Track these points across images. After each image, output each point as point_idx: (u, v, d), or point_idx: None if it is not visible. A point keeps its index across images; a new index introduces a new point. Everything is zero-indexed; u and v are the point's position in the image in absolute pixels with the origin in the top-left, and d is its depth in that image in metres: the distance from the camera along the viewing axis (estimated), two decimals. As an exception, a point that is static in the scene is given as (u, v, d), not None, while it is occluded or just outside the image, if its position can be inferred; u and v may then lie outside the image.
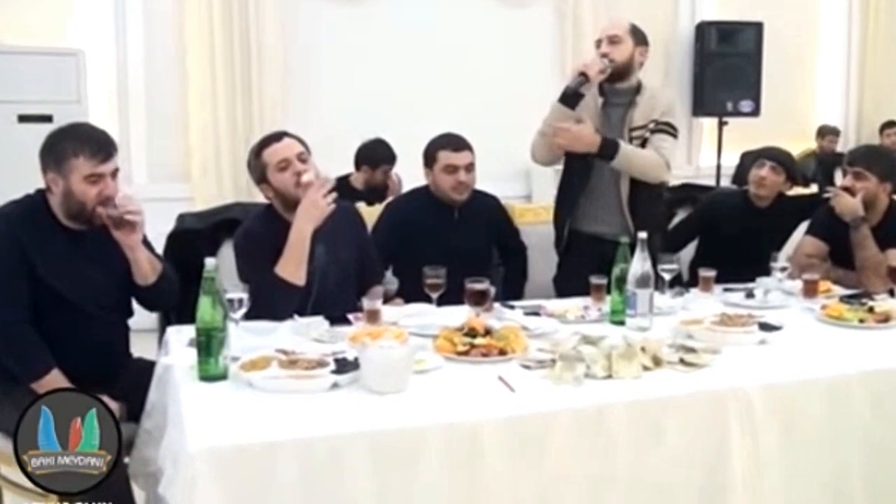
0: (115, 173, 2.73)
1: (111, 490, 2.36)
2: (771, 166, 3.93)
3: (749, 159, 6.74)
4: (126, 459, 2.63)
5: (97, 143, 2.70)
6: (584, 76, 3.45)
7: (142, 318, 3.05)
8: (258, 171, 3.08)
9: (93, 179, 2.67)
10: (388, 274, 3.58)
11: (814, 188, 5.71)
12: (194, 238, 3.50)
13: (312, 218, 2.94)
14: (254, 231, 3.09)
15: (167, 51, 6.00)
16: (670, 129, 3.57)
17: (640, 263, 2.80)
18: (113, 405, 2.57)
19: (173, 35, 6.00)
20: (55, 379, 2.62)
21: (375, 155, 5.32)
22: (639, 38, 3.60)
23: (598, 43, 3.59)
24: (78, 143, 2.67)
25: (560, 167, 3.76)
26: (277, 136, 3.11)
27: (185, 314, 2.86)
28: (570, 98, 3.47)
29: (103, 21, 5.91)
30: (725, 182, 7.12)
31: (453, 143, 3.64)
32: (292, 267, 2.93)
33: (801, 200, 4.16)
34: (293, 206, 2.99)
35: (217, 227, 3.57)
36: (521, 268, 3.90)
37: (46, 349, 2.64)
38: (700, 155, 7.55)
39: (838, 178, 6.59)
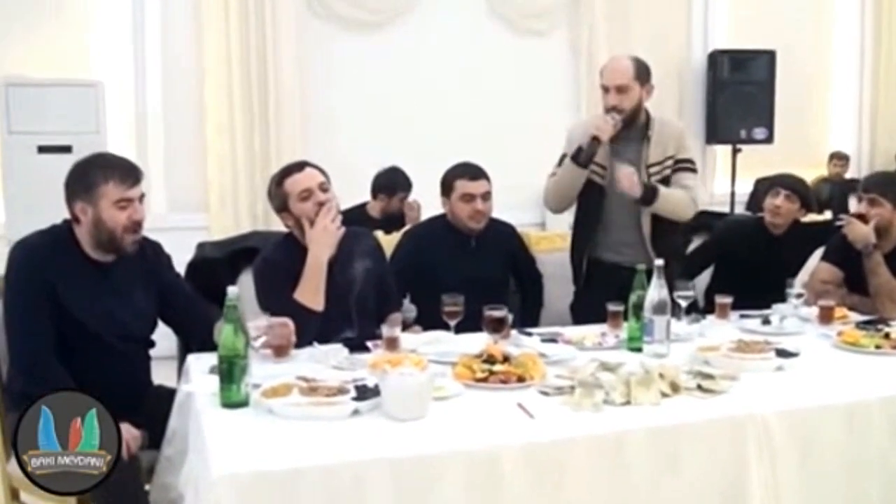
0: (141, 198, 2.79)
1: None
2: (786, 195, 3.93)
3: (763, 186, 6.80)
4: (147, 486, 2.66)
5: (125, 169, 2.76)
6: (596, 140, 3.45)
7: (160, 346, 3.06)
8: (279, 199, 3.12)
9: (122, 205, 2.71)
10: (406, 302, 3.60)
11: (828, 214, 5.71)
12: (214, 267, 3.53)
13: (327, 244, 3.01)
14: (273, 260, 3.13)
15: (185, 82, 6.08)
16: (691, 166, 3.63)
17: (657, 290, 2.81)
18: (135, 433, 2.60)
19: (191, 66, 6.08)
20: None
21: (391, 183, 5.36)
22: (643, 77, 3.56)
23: (605, 89, 3.56)
24: (107, 170, 2.72)
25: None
26: (299, 166, 3.14)
27: (206, 342, 2.90)
28: (583, 159, 3.48)
29: (122, 53, 6.00)
30: (739, 209, 7.13)
31: (470, 171, 3.67)
32: (310, 293, 2.98)
33: (815, 227, 4.17)
34: None
35: (236, 256, 3.61)
36: (537, 296, 3.92)
37: (69, 377, 2.65)
38: (714, 182, 7.57)
39: (852, 204, 6.62)
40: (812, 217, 4.28)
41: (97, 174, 2.71)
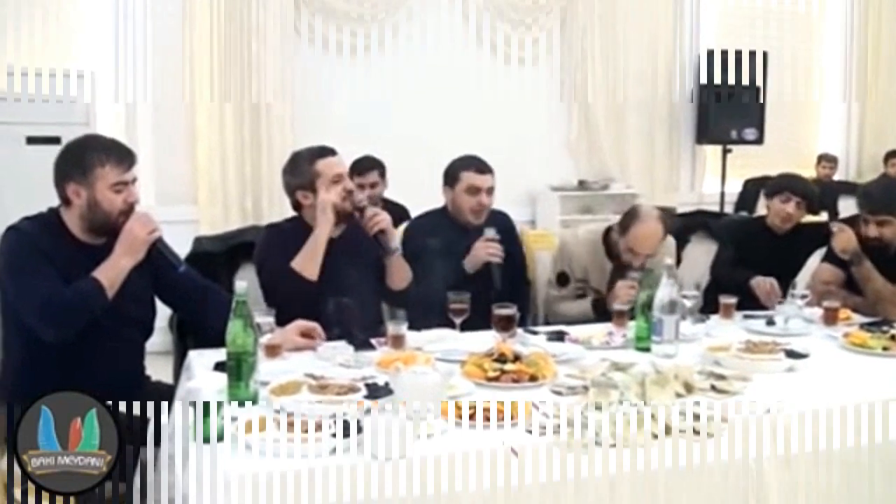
0: (134, 181, 2.74)
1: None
2: (797, 202, 3.91)
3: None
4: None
5: (121, 152, 2.72)
6: None
7: (156, 341, 3.00)
8: (307, 177, 3.18)
9: (118, 188, 2.67)
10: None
11: (824, 216, 5.70)
12: (212, 261, 3.46)
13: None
14: (281, 227, 3.31)
15: (174, 72, 5.98)
16: None
17: (667, 290, 2.79)
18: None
19: (181, 57, 5.99)
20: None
21: (369, 164, 5.11)
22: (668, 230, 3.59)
23: (632, 252, 3.52)
24: (103, 153, 2.67)
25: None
26: (332, 151, 3.24)
27: (202, 338, 2.84)
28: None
29: (109, 43, 5.88)
30: (728, 209, 7.14)
31: (478, 164, 3.62)
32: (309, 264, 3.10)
33: (816, 228, 4.14)
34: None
35: (234, 250, 3.55)
36: (521, 301, 3.75)
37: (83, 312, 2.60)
38: (703, 182, 7.58)
39: (842, 206, 6.63)
40: (811, 218, 4.25)
41: (93, 157, 2.65)
